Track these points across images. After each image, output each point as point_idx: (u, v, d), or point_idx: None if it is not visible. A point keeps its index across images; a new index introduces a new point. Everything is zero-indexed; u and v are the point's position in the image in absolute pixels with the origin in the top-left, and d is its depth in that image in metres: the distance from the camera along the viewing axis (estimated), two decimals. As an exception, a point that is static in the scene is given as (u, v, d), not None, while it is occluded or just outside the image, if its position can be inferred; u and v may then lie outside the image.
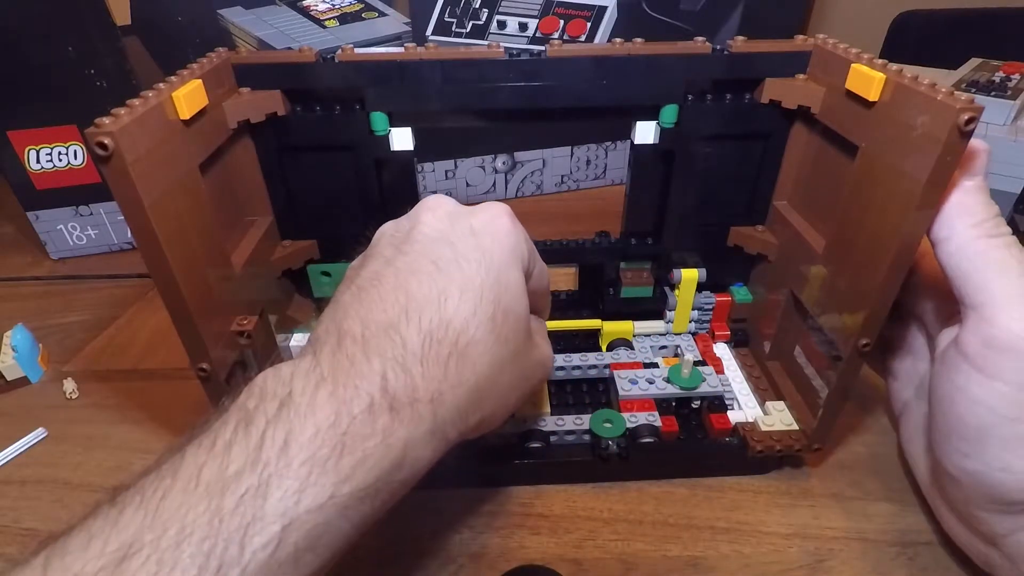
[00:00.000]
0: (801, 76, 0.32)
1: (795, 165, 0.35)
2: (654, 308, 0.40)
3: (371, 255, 0.24)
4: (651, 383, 0.35)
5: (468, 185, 0.63)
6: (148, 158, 0.23)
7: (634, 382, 0.35)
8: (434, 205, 0.25)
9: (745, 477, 0.34)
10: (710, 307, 0.40)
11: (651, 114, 0.33)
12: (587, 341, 0.40)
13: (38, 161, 0.52)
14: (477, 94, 0.32)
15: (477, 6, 0.55)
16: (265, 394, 0.20)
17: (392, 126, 0.33)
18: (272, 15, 0.53)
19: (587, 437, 0.33)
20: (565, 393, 0.37)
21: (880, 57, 0.27)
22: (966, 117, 0.22)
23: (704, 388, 0.35)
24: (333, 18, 0.54)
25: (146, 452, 0.37)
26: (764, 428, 0.33)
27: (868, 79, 0.26)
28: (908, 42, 1.01)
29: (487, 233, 0.24)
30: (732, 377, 0.37)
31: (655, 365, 0.37)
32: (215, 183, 0.30)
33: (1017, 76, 0.55)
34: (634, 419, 0.33)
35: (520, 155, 0.62)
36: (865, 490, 0.34)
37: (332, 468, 0.18)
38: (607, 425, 0.33)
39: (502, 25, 0.56)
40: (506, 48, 0.31)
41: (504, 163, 0.62)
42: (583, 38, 0.57)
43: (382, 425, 0.20)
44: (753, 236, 0.37)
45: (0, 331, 0.43)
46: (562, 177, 0.65)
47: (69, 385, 0.41)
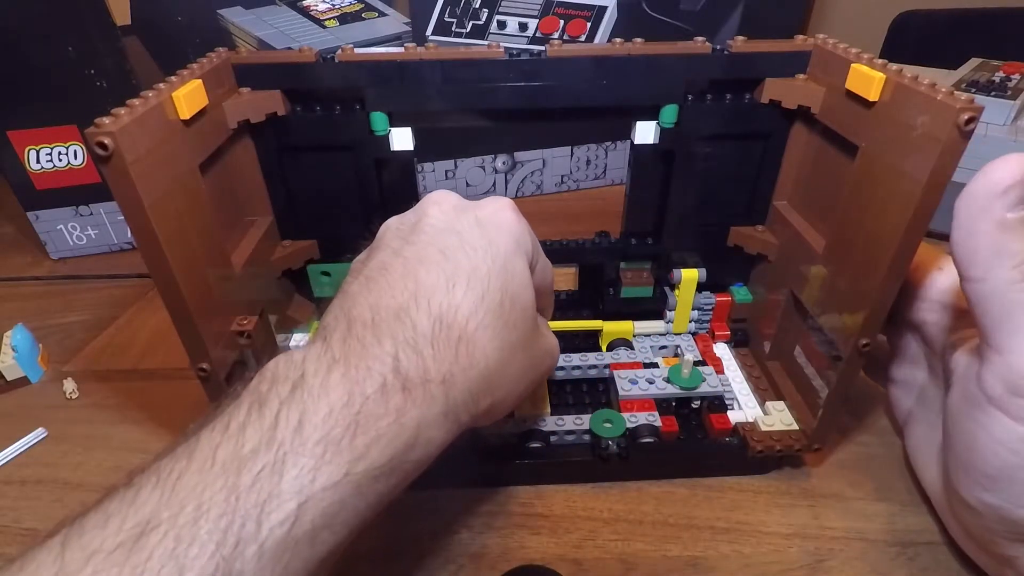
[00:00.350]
0: (801, 76, 0.32)
1: (795, 165, 0.35)
2: (654, 308, 0.40)
3: (377, 247, 0.25)
4: (651, 383, 0.35)
5: (468, 185, 0.63)
6: (148, 158, 0.23)
7: (634, 382, 0.35)
8: (439, 199, 0.26)
9: (745, 477, 0.34)
10: (710, 307, 0.40)
11: (651, 114, 0.33)
12: (587, 341, 0.40)
13: (38, 161, 0.52)
14: (477, 94, 0.32)
15: (477, 6, 0.55)
16: (277, 377, 0.20)
17: (392, 126, 0.33)
18: (272, 15, 0.53)
19: (587, 437, 0.33)
20: (565, 393, 0.37)
21: (880, 57, 0.27)
22: (966, 117, 0.22)
23: (704, 388, 0.35)
24: (333, 18, 0.54)
25: (146, 452, 0.36)
26: (764, 428, 0.33)
27: (868, 79, 0.26)
28: (908, 42, 1.01)
29: (492, 224, 0.24)
30: (732, 377, 0.37)
31: (655, 365, 0.37)
32: (215, 183, 0.30)
33: (1017, 76, 0.55)
34: (634, 419, 0.33)
35: (520, 155, 0.62)
36: (865, 490, 0.34)
37: (347, 447, 0.19)
38: (607, 425, 0.33)
39: (502, 25, 0.56)
40: (506, 48, 0.31)
41: (504, 163, 0.62)
42: (583, 38, 0.57)
43: (395, 405, 0.20)
44: (753, 236, 0.37)
45: (0, 331, 0.43)
46: (562, 177, 0.65)
47: (69, 385, 0.41)
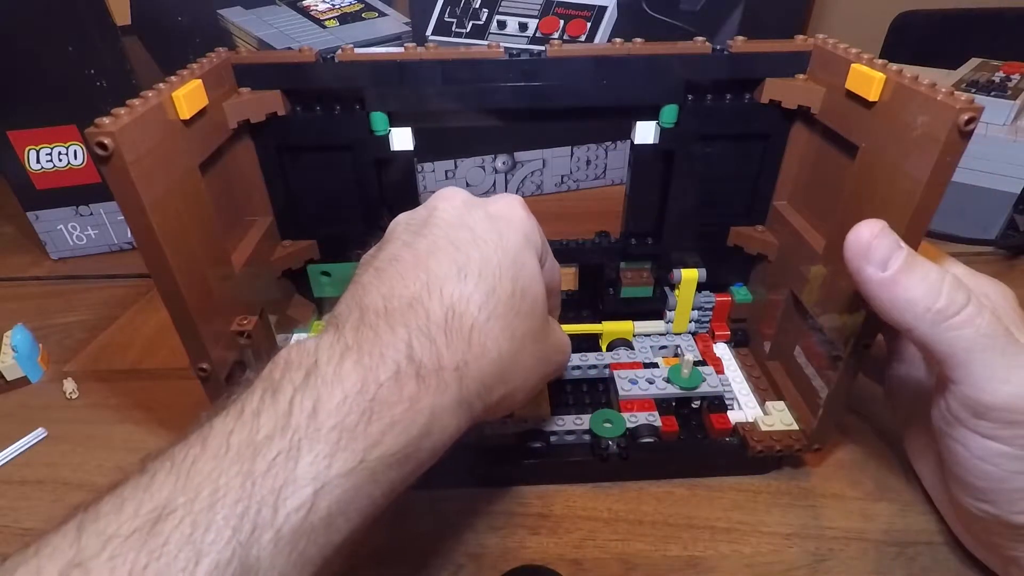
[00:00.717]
0: (801, 76, 0.32)
1: (795, 165, 0.35)
2: (654, 308, 0.40)
3: (388, 240, 0.25)
4: (651, 383, 0.35)
5: (468, 185, 0.62)
6: (148, 158, 0.23)
7: (634, 382, 0.35)
8: (450, 195, 0.26)
9: (745, 477, 0.34)
10: (710, 307, 0.40)
11: (651, 114, 0.33)
12: (587, 341, 0.40)
13: (38, 161, 0.52)
14: (477, 94, 0.32)
15: (477, 6, 0.55)
16: (290, 364, 0.20)
17: (392, 126, 0.33)
18: (272, 15, 0.53)
19: (587, 437, 0.33)
20: (565, 393, 0.37)
21: (880, 57, 0.27)
22: (966, 117, 0.22)
23: (704, 388, 0.35)
24: (333, 18, 0.54)
25: (146, 452, 0.36)
26: (764, 428, 0.33)
27: (868, 79, 0.26)
28: (908, 42, 1.01)
29: (503, 219, 0.25)
30: (732, 377, 0.37)
31: (655, 365, 0.37)
32: (215, 183, 0.30)
33: (1017, 76, 0.55)
34: (634, 419, 0.33)
35: (520, 155, 0.62)
36: (865, 490, 0.34)
37: (361, 433, 0.19)
38: (607, 425, 0.33)
39: (502, 25, 0.56)
40: (506, 48, 0.31)
41: (504, 163, 0.62)
42: (583, 38, 0.57)
43: (409, 392, 0.20)
44: (753, 236, 0.37)
45: (0, 331, 0.43)
46: (562, 177, 0.65)
47: (69, 385, 0.41)
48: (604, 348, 0.40)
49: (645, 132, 0.34)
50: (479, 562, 0.30)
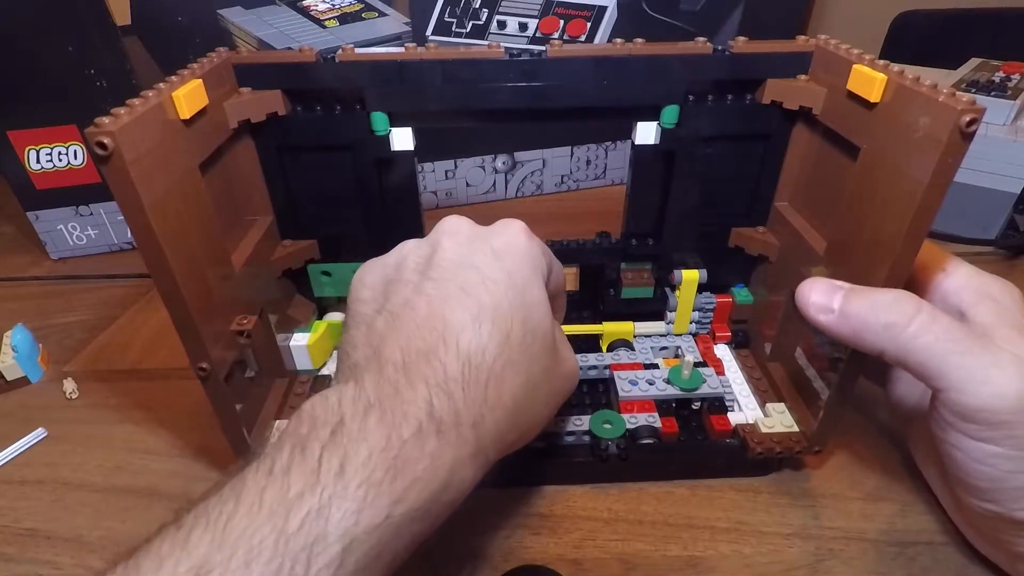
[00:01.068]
0: (802, 77, 0.32)
1: (796, 166, 0.35)
2: (654, 309, 0.40)
3: (397, 280, 0.25)
4: (651, 384, 0.35)
5: (468, 185, 0.62)
6: (148, 158, 0.23)
7: (634, 383, 0.35)
8: (453, 229, 0.26)
9: (745, 478, 0.34)
10: (711, 308, 0.40)
11: (652, 115, 0.33)
12: (587, 342, 0.40)
13: (38, 161, 0.52)
14: (477, 94, 0.32)
15: (477, 6, 0.55)
16: (316, 421, 0.20)
17: (392, 126, 0.33)
18: (272, 15, 0.53)
19: (587, 438, 0.33)
20: (565, 393, 0.37)
21: (880, 57, 0.27)
22: (968, 118, 0.22)
23: (704, 389, 0.34)
24: (333, 18, 0.54)
25: (146, 452, 0.37)
26: (764, 430, 0.33)
27: (870, 80, 0.26)
28: (908, 42, 1.01)
29: (508, 254, 0.25)
30: (732, 378, 0.37)
31: (655, 366, 0.37)
32: (215, 183, 0.30)
33: (1017, 76, 0.55)
34: (634, 420, 0.33)
35: (520, 155, 0.62)
36: (865, 490, 0.34)
37: (387, 490, 0.19)
38: (607, 426, 0.33)
39: (502, 25, 0.56)
40: (506, 48, 0.31)
41: (504, 163, 0.62)
42: (583, 38, 0.57)
43: (431, 449, 0.20)
44: (754, 237, 0.37)
45: (0, 331, 0.43)
46: (562, 177, 0.65)
47: (69, 385, 0.41)
48: (604, 349, 0.40)
49: (646, 133, 0.34)
50: (479, 562, 0.30)
